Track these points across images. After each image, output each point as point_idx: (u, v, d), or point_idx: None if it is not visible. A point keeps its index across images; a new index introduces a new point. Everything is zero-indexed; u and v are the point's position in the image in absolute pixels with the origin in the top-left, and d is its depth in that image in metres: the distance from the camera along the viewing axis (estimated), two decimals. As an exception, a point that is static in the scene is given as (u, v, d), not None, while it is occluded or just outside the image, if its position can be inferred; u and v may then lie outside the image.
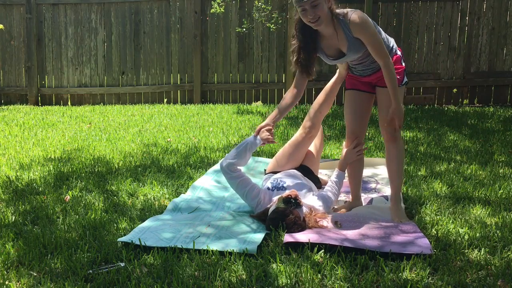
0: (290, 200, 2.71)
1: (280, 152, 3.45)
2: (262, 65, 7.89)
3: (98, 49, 8.23)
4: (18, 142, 5.12)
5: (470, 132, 5.26)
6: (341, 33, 2.76)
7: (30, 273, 2.23)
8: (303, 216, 2.75)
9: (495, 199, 3.15)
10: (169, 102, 8.13)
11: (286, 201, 2.70)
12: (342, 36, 2.76)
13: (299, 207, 2.72)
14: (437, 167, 3.88)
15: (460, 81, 7.45)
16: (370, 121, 5.93)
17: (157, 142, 4.97)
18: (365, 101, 3.09)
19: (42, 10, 8.23)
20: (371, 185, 3.56)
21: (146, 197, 3.32)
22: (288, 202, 2.70)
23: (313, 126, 3.36)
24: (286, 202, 2.70)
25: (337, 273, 2.16)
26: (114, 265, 2.27)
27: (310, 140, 3.41)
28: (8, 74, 8.38)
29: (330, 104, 3.42)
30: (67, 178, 3.73)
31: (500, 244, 2.43)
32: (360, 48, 2.77)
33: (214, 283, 2.11)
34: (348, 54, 2.81)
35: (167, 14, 8.04)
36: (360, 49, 2.78)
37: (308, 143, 3.42)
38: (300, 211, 2.73)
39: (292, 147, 3.39)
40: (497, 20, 7.30)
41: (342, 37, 2.76)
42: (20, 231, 2.72)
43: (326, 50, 2.88)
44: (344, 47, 2.80)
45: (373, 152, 4.45)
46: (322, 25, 2.71)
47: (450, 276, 2.13)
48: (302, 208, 2.76)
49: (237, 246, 2.43)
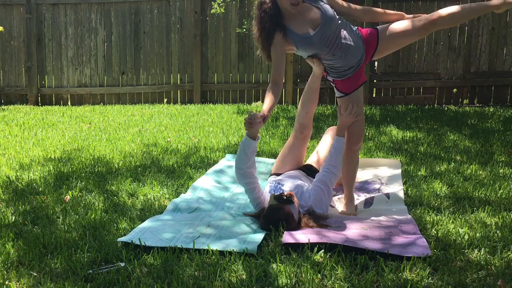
0: (282, 197, 2.73)
1: (279, 155, 3.47)
2: (262, 65, 7.89)
3: (98, 49, 8.23)
4: (18, 142, 5.12)
5: (470, 132, 5.26)
6: (311, 5, 2.89)
7: (30, 273, 2.23)
8: (297, 213, 2.76)
9: (495, 199, 3.15)
10: (169, 102, 8.13)
11: (277, 198, 2.74)
12: (314, 7, 2.89)
13: (290, 203, 2.74)
14: (437, 167, 3.88)
15: (460, 81, 7.45)
16: (370, 121, 5.96)
17: (157, 142, 4.97)
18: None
19: (42, 10, 8.22)
20: (375, 185, 3.55)
21: (146, 197, 3.32)
22: (279, 199, 2.73)
23: (304, 127, 3.36)
24: (277, 198, 2.74)
25: (337, 273, 2.16)
26: (114, 265, 2.27)
27: (305, 140, 3.41)
28: (8, 74, 8.39)
29: (315, 102, 3.41)
30: (67, 178, 3.73)
31: (500, 244, 2.43)
32: (332, 13, 2.89)
33: (214, 283, 2.11)
34: (322, 21, 2.86)
35: (167, 14, 8.04)
36: (333, 14, 2.88)
37: (304, 144, 3.41)
38: (292, 207, 2.74)
39: (287, 150, 3.40)
40: (497, 20, 7.30)
41: (314, 8, 2.88)
42: (20, 231, 2.72)
43: (298, 29, 2.89)
44: (316, 18, 2.87)
45: (373, 152, 4.44)
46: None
47: (450, 276, 2.13)
48: (294, 205, 2.77)
49: (237, 246, 2.43)
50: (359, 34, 3.01)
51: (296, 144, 3.38)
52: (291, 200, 2.75)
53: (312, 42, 2.89)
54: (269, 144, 4.77)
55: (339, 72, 2.99)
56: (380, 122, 5.92)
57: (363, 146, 4.64)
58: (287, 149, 3.41)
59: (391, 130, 5.42)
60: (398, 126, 5.64)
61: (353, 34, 2.97)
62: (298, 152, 3.40)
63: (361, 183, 3.60)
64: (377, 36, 2.99)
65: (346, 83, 3.02)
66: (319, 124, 5.74)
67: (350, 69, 2.97)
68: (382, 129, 5.48)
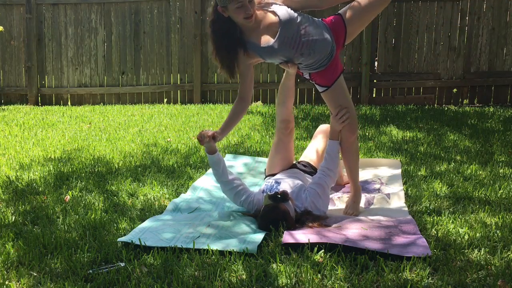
0: (276, 195, 2.74)
1: (269, 156, 3.46)
2: (262, 65, 7.89)
3: (98, 49, 8.23)
4: (18, 142, 5.12)
5: (470, 132, 5.26)
6: (266, 13, 2.83)
7: (30, 273, 2.23)
8: (294, 212, 2.77)
9: (495, 199, 3.15)
10: (169, 102, 8.13)
11: (272, 197, 2.74)
12: (269, 14, 2.83)
13: (285, 201, 2.74)
14: (437, 167, 3.88)
15: (460, 81, 7.45)
16: (370, 121, 5.96)
17: (157, 142, 4.97)
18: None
19: (42, 10, 8.22)
20: (375, 185, 3.55)
21: (146, 197, 3.32)
22: (274, 198, 2.73)
23: (288, 121, 3.33)
24: (272, 198, 2.74)
25: (337, 273, 2.16)
26: (114, 265, 2.27)
27: (291, 134, 3.38)
28: (8, 74, 8.38)
29: (292, 98, 3.38)
30: (67, 178, 3.73)
31: (500, 244, 2.43)
32: (288, 14, 2.83)
33: (214, 283, 2.11)
34: (280, 26, 2.80)
35: (167, 14, 8.04)
36: (289, 15, 2.83)
37: (291, 138, 3.38)
38: (288, 205, 2.74)
39: (275, 150, 3.37)
40: (497, 20, 7.30)
41: (269, 15, 2.83)
42: (20, 231, 2.72)
43: (259, 41, 2.83)
44: (274, 23, 2.82)
45: (373, 152, 4.44)
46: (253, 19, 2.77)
47: (450, 276, 2.13)
48: (289, 203, 2.77)
49: (238, 246, 2.44)
50: (324, 24, 2.92)
51: (284, 140, 3.34)
52: (286, 198, 2.75)
53: (276, 50, 2.84)
54: (269, 144, 4.77)
55: (312, 67, 2.95)
56: (380, 122, 5.92)
57: (363, 146, 4.64)
58: (275, 150, 3.37)
59: (391, 130, 5.42)
60: (398, 126, 5.64)
61: (317, 26, 2.88)
62: (287, 148, 3.36)
63: (361, 183, 3.59)
64: (343, 21, 2.93)
65: (324, 75, 2.97)
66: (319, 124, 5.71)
67: (323, 61, 2.92)
68: (382, 129, 5.48)
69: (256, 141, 4.92)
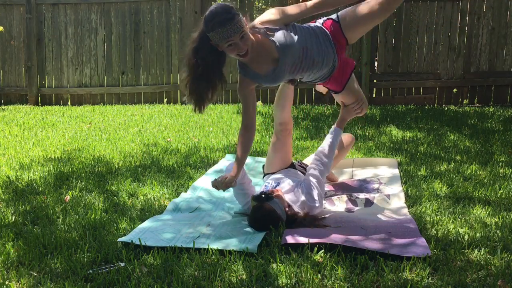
0: (260, 196, 2.75)
1: (267, 157, 3.47)
2: (262, 65, 7.89)
3: (98, 49, 8.23)
4: (18, 142, 5.12)
5: (470, 132, 5.26)
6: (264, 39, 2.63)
7: (30, 273, 2.23)
8: (282, 208, 2.76)
9: (495, 199, 3.15)
10: (169, 102, 8.13)
11: (257, 198, 2.75)
12: (267, 41, 2.65)
13: (270, 199, 2.74)
14: (437, 167, 3.88)
15: (460, 81, 7.45)
16: (370, 121, 5.96)
17: (157, 142, 4.97)
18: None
19: (42, 10, 8.22)
20: (374, 185, 3.55)
21: (146, 197, 3.32)
22: (258, 199, 2.74)
23: (286, 123, 3.33)
24: (257, 199, 2.75)
25: (337, 273, 2.16)
26: (114, 265, 2.27)
27: (289, 135, 3.38)
28: (8, 74, 8.39)
29: (291, 100, 3.37)
30: (67, 178, 3.73)
31: (500, 244, 2.43)
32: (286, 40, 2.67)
33: (214, 283, 2.11)
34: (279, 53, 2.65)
35: (167, 14, 8.04)
36: (288, 41, 2.66)
37: (289, 138, 3.39)
38: (273, 203, 2.73)
39: (274, 150, 3.37)
40: (497, 20, 7.30)
41: (267, 42, 2.65)
42: (20, 231, 2.72)
43: (259, 69, 2.71)
44: (273, 51, 2.67)
45: (373, 152, 4.44)
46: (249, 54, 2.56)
47: (450, 276, 2.13)
48: (275, 200, 2.76)
49: (238, 245, 2.44)
50: (326, 33, 2.79)
51: (282, 140, 3.34)
52: (270, 196, 2.75)
53: (278, 77, 2.76)
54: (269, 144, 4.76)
55: (316, 82, 2.96)
56: (380, 122, 5.92)
57: (363, 146, 4.65)
58: (273, 149, 3.38)
59: (391, 130, 5.43)
60: (398, 126, 5.64)
61: (319, 42, 2.76)
62: (285, 147, 3.37)
63: (360, 182, 3.60)
64: (341, 30, 2.80)
65: (332, 83, 2.97)
66: (319, 124, 5.74)
67: (327, 74, 2.89)
68: (382, 129, 5.48)
69: (256, 141, 4.91)
